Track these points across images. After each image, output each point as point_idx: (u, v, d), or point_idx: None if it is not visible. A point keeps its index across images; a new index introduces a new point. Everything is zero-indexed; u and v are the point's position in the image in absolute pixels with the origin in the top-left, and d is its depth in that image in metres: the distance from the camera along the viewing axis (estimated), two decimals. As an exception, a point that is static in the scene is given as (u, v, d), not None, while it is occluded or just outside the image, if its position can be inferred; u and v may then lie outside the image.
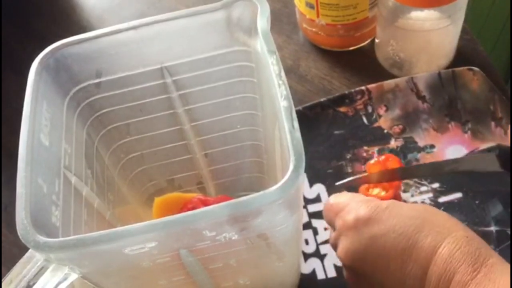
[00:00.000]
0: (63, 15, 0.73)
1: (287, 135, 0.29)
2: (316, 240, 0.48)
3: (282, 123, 0.30)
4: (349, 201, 0.38)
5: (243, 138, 0.44)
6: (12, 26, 0.72)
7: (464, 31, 0.57)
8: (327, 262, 0.47)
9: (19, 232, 0.27)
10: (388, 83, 0.55)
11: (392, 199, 0.38)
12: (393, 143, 0.52)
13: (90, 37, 0.35)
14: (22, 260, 0.29)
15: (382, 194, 0.48)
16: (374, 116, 0.54)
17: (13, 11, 0.74)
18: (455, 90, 0.54)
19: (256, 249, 0.32)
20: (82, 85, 0.37)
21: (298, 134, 0.29)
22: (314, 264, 0.47)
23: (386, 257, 0.33)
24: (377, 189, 0.48)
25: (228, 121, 0.43)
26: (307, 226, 0.49)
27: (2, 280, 0.29)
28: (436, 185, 0.49)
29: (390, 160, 0.46)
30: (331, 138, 0.54)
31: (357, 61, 0.61)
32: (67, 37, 0.36)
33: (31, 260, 0.29)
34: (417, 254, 0.32)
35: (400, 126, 0.53)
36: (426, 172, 0.49)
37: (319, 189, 0.51)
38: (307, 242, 0.49)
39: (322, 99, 0.55)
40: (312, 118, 0.55)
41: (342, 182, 0.47)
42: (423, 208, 0.35)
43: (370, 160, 0.51)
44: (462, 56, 0.58)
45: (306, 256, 0.48)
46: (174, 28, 0.36)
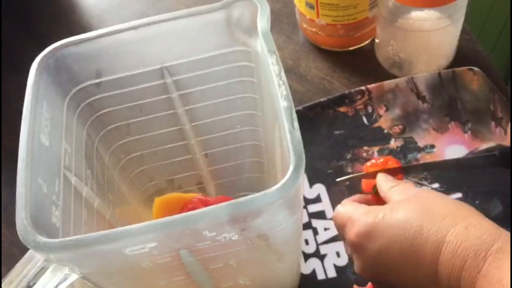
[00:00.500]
0: (63, 15, 0.73)
1: (287, 135, 0.29)
2: (316, 240, 0.48)
3: (282, 123, 0.30)
4: (351, 213, 0.38)
5: (243, 138, 0.44)
6: (13, 26, 0.72)
7: (464, 31, 0.57)
8: (327, 262, 0.47)
9: (19, 232, 0.27)
10: (388, 83, 0.55)
11: (388, 204, 0.38)
12: (393, 143, 0.52)
13: (90, 37, 0.35)
14: (22, 260, 0.29)
15: None
16: (374, 116, 0.54)
17: (13, 11, 0.74)
18: (455, 90, 0.54)
19: (256, 249, 0.32)
20: (82, 85, 0.37)
21: (298, 134, 0.29)
22: (314, 264, 0.47)
23: (397, 265, 0.34)
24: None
25: (228, 121, 0.43)
26: (307, 226, 0.49)
27: (2, 280, 0.29)
28: (436, 185, 0.49)
29: (390, 163, 0.46)
30: (331, 138, 0.54)
31: (357, 61, 0.60)
32: (67, 37, 0.36)
33: (31, 260, 0.29)
34: (423, 258, 0.33)
35: (400, 126, 0.53)
36: (427, 170, 0.49)
37: (319, 189, 0.51)
38: (307, 242, 0.49)
39: (322, 99, 0.55)
40: (312, 118, 0.54)
41: (343, 178, 0.47)
42: (421, 204, 0.35)
43: (369, 160, 0.51)
44: (462, 56, 0.58)
45: (306, 256, 0.48)
46: (174, 28, 0.36)
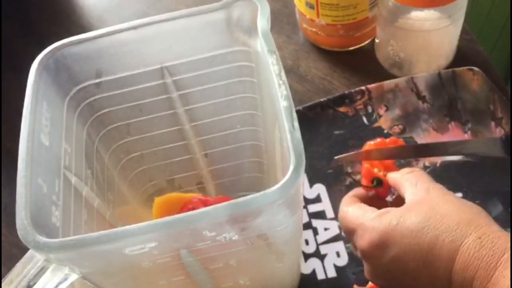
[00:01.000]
0: (63, 15, 0.73)
1: (287, 135, 0.29)
2: (316, 240, 0.48)
3: (282, 123, 0.30)
4: (360, 219, 0.38)
5: (243, 138, 0.44)
6: (12, 26, 0.72)
7: (464, 31, 0.57)
8: (327, 262, 0.47)
9: (19, 232, 0.27)
10: (388, 83, 0.55)
11: (400, 208, 0.38)
12: None
13: (90, 37, 0.35)
14: (22, 260, 0.29)
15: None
16: (374, 116, 0.54)
17: (13, 11, 0.74)
18: (455, 90, 0.54)
19: (256, 249, 0.32)
20: (82, 85, 0.37)
21: (298, 134, 0.29)
22: (314, 264, 0.47)
23: (412, 274, 0.34)
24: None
25: (228, 121, 0.43)
26: (307, 226, 0.49)
27: (2, 280, 0.29)
28: (436, 185, 0.49)
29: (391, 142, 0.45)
30: (331, 138, 0.54)
31: (357, 61, 0.60)
32: (67, 37, 0.36)
33: (31, 260, 0.29)
34: (437, 267, 0.33)
35: (400, 126, 0.53)
36: (428, 151, 0.48)
37: (319, 189, 0.51)
38: (307, 242, 0.48)
39: (322, 99, 0.55)
40: (312, 118, 0.54)
41: (342, 156, 0.46)
42: (432, 210, 0.35)
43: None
44: (462, 56, 0.58)
45: (306, 256, 0.48)
46: (174, 28, 0.36)
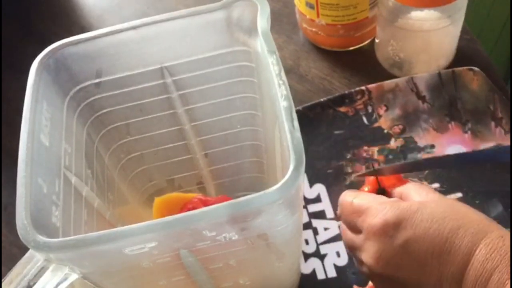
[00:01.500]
0: (63, 15, 0.73)
1: (287, 135, 0.29)
2: (316, 240, 0.48)
3: (282, 123, 0.30)
4: (372, 202, 0.36)
5: (243, 138, 0.44)
6: (12, 26, 0.72)
7: (464, 31, 0.57)
8: (327, 262, 0.47)
9: (19, 232, 0.27)
10: (388, 83, 0.55)
11: (415, 200, 0.37)
12: (393, 143, 0.52)
13: (90, 37, 0.35)
14: (22, 260, 0.29)
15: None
16: (374, 116, 0.54)
17: (13, 11, 0.74)
18: (455, 90, 0.54)
19: (256, 249, 0.32)
20: (82, 85, 0.37)
21: (298, 134, 0.29)
22: (314, 264, 0.47)
23: (423, 261, 0.33)
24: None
25: (228, 121, 0.43)
26: (307, 226, 0.49)
27: (2, 280, 0.29)
28: (436, 185, 0.49)
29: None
30: (331, 138, 0.54)
31: (357, 61, 0.60)
32: (67, 37, 0.36)
33: (31, 260, 0.29)
34: (454, 257, 0.32)
35: (400, 126, 0.53)
36: (438, 164, 0.48)
37: (319, 189, 0.51)
38: (307, 242, 0.48)
39: (322, 99, 0.55)
40: (312, 118, 0.54)
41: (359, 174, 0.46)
42: (451, 205, 0.34)
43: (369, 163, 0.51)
44: (462, 56, 0.58)
45: (306, 256, 0.48)
46: (174, 28, 0.36)
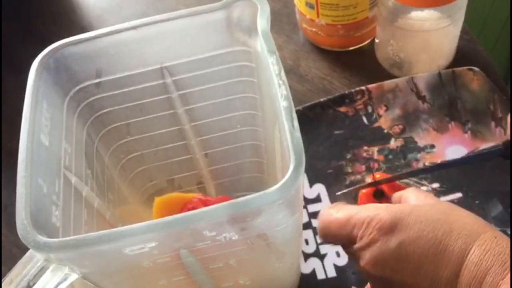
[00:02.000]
0: (63, 15, 0.73)
1: (287, 135, 0.29)
2: (316, 240, 0.48)
3: (282, 123, 0.30)
4: (361, 212, 0.36)
5: (243, 138, 0.44)
6: (12, 26, 0.72)
7: (464, 31, 0.57)
8: (327, 262, 0.47)
9: (19, 232, 0.27)
10: (388, 83, 0.55)
11: (410, 203, 0.37)
12: (393, 143, 0.52)
13: (90, 37, 0.35)
14: (22, 260, 0.29)
15: None
16: (374, 116, 0.54)
17: (13, 11, 0.74)
18: (455, 90, 0.54)
19: (256, 249, 0.32)
20: (82, 85, 0.37)
21: (298, 134, 0.29)
22: (314, 264, 0.47)
23: (417, 263, 0.33)
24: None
25: (228, 121, 0.43)
26: (307, 226, 0.49)
27: (2, 280, 0.29)
28: (436, 184, 0.49)
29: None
30: (331, 138, 0.54)
31: (357, 61, 0.60)
32: (67, 37, 0.36)
33: (31, 260, 0.29)
34: (448, 258, 0.32)
35: (400, 126, 0.53)
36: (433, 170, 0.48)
37: (319, 189, 0.51)
38: (307, 242, 0.48)
39: (322, 99, 0.55)
40: (312, 118, 0.54)
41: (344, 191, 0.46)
42: (446, 209, 0.35)
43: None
44: (462, 56, 0.58)
45: (306, 256, 0.48)
46: (174, 28, 0.36)
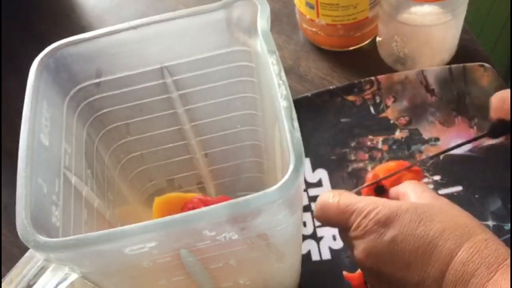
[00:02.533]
0: (63, 15, 0.73)
1: (287, 135, 0.29)
2: (314, 223, 0.49)
3: (282, 123, 0.30)
4: (360, 202, 0.37)
5: (243, 138, 0.44)
6: (12, 26, 0.72)
7: (464, 31, 0.57)
8: (323, 244, 0.48)
9: (19, 232, 0.27)
10: (398, 75, 0.55)
11: (408, 200, 0.38)
12: (398, 134, 0.53)
13: (90, 37, 0.35)
14: (22, 260, 0.29)
15: None
16: (382, 106, 0.54)
17: (13, 11, 0.74)
18: (465, 85, 0.54)
19: (256, 249, 0.32)
20: (82, 85, 0.37)
21: (298, 134, 0.29)
22: (310, 245, 0.48)
23: (407, 259, 0.34)
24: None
25: (228, 121, 0.43)
26: (307, 209, 0.50)
27: (2, 280, 0.29)
28: (437, 177, 0.49)
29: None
30: (338, 125, 0.54)
31: (357, 61, 0.61)
32: (67, 37, 0.36)
33: (31, 260, 0.29)
34: (436, 257, 0.32)
35: (407, 118, 0.54)
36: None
37: (321, 174, 0.51)
38: (305, 224, 0.49)
39: (331, 87, 0.56)
40: (320, 105, 0.55)
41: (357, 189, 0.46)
42: (443, 207, 0.35)
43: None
44: (462, 56, 0.58)
45: (303, 238, 0.48)
46: (174, 28, 0.36)
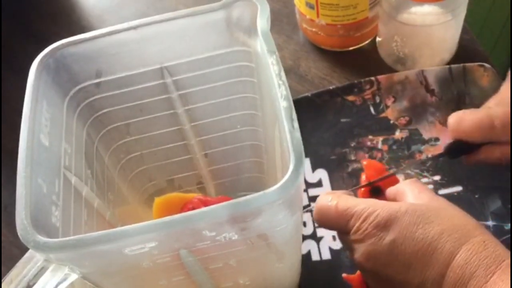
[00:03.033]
0: (63, 15, 0.73)
1: (287, 135, 0.29)
2: (314, 223, 0.49)
3: (282, 123, 0.30)
4: (359, 205, 0.37)
5: (243, 138, 0.44)
6: (12, 26, 0.72)
7: (464, 31, 0.57)
8: (323, 244, 0.48)
9: (19, 232, 0.27)
10: (398, 75, 0.55)
11: (406, 202, 0.38)
12: (398, 134, 0.53)
13: (90, 37, 0.35)
14: (22, 260, 0.29)
15: None
16: (382, 107, 0.54)
17: (13, 11, 0.74)
18: (465, 85, 0.54)
19: (256, 249, 0.32)
20: (82, 85, 0.37)
21: (298, 134, 0.29)
22: (310, 245, 0.48)
23: (407, 261, 0.34)
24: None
25: (228, 121, 0.43)
26: (307, 209, 0.50)
27: (2, 280, 0.29)
28: (437, 177, 0.50)
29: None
30: (337, 125, 0.54)
31: (357, 61, 0.60)
32: (67, 37, 0.36)
33: (31, 260, 0.29)
34: (436, 260, 0.33)
35: (407, 118, 0.54)
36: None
37: (321, 174, 0.52)
38: (305, 225, 0.49)
39: (331, 87, 0.56)
40: (320, 105, 0.55)
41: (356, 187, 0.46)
42: (441, 209, 0.35)
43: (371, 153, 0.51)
44: (462, 56, 0.58)
45: (303, 238, 0.48)
46: (174, 28, 0.36)
